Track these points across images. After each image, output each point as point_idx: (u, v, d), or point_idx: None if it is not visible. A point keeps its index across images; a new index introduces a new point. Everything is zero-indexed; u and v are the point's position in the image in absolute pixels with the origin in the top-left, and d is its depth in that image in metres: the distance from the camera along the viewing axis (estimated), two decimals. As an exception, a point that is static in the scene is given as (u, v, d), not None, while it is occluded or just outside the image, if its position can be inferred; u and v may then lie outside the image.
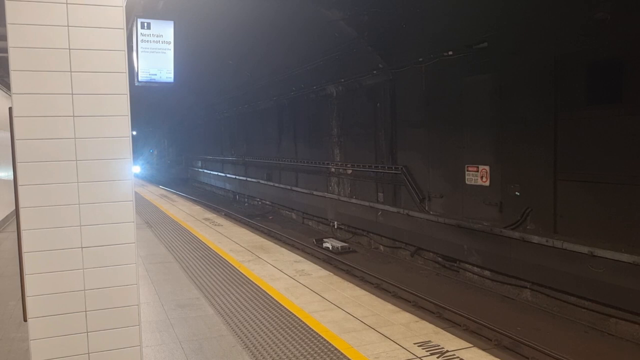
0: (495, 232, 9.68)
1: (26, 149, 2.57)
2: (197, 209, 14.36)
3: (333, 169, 16.27)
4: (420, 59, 11.42)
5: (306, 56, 15.40)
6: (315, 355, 4.24)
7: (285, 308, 5.42)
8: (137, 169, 41.88)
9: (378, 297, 5.84)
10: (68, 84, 2.62)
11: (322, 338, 4.57)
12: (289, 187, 19.50)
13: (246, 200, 25.00)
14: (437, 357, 4.14)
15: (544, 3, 8.45)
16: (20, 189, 2.57)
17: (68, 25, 2.61)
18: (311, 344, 4.44)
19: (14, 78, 2.53)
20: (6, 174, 12.52)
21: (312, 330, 4.78)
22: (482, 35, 9.66)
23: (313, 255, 12.63)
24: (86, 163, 2.67)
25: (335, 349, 4.34)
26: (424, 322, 4.97)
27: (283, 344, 4.48)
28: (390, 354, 4.23)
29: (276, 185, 20.79)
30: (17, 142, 2.56)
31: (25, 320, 2.62)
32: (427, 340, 4.46)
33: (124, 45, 2.73)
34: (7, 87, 12.98)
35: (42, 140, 2.59)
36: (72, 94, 2.63)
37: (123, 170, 2.76)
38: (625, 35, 7.39)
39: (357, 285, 6.37)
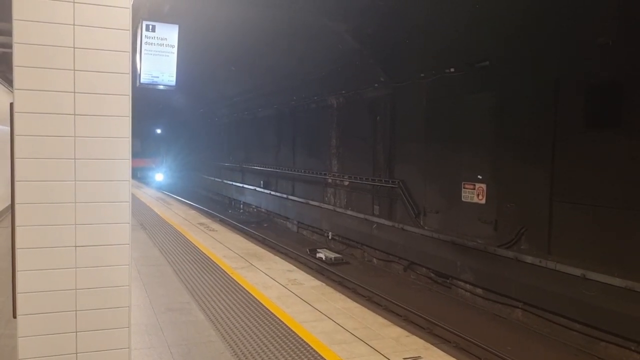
0: (489, 250, 9.68)
1: (25, 145, 2.56)
2: (192, 214, 14.33)
3: (330, 180, 16.28)
4: (422, 75, 11.49)
5: (309, 66, 15.46)
6: (304, 365, 4.22)
7: (276, 317, 5.40)
8: (159, 176, 36.39)
9: (369, 309, 5.82)
10: (71, 83, 2.62)
11: (312, 349, 4.55)
12: (285, 196, 19.49)
13: (242, 206, 24.96)
14: (426, 373, 4.12)
15: (546, 24, 8.52)
16: (17, 184, 2.56)
17: (74, 24, 2.62)
18: (301, 355, 4.42)
19: (17, 74, 2.54)
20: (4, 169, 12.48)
21: (302, 340, 4.75)
22: (484, 53, 9.73)
23: (306, 265, 12.60)
24: (85, 162, 2.67)
25: (325, 360, 4.31)
26: (414, 337, 4.95)
27: (272, 352, 4.45)
28: (379, 368, 4.21)
29: (272, 193, 20.78)
30: (16, 138, 2.56)
31: (14, 316, 2.60)
32: (417, 355, 4.44)
33: (128, 47, 2.74)
34: (9, 82, 12.98)
35: (41, 137, 2.58)
36: (75, 92, 2.63)
37: (121, 171, 2.76)
38: (626, 59, 7.45)
39: (349, 297, 6.35)
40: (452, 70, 10.58)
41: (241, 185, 24.61)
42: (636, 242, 7.36)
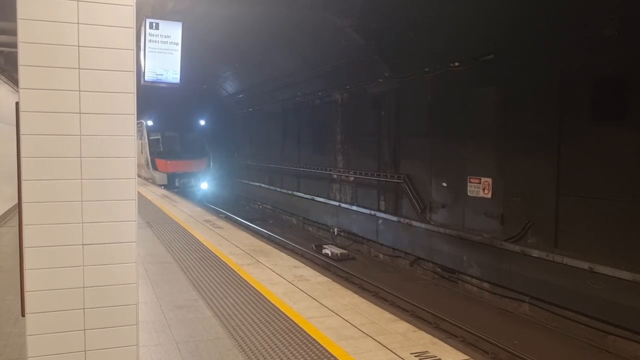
0: (495, 244, 9.65)
1: (31, 144, 2.57)
2: (198, 211, 14.35)
3: (335, 176, 16.27)
4: (426, 69, 11.44)
5: (313, 62, 15.44)
6: (311, 361, 4.22)
7: (283, 313, 5.40)
8: (205, 185, 25.60)
9: (376, 305, 5.81)
10: (76, 81, 2.62)
11: (319, 344, 4.55)
12: (290, 192, 19.49)
13: (246, 203, 24.96)
14: (434, 368, 4.12)
15: (551, 18, 8.47)
16: (23, 183, 2.57)
17: (78, 23, 2.62)
18: (308, 351, 4.42)
19: (22, 73, 2.54)
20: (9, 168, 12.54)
21: (310, 336, 4.76)
22: (489, 47, 9.68)
23: (312, 261, 12.60)
24: (90, 160, 2.67)
25: (332, 356, 4.32)
26: (421, 332, 4.94)
27: (280, 349, 4.46)
28: (386, 363, 4.20)
29: (278, 189, 20.78)
30: (22, 137, 2.56)
31: (23, 315, 2.61)
32: (424, 350, 4.43)
33: (133, 44, 2.74)
34: (14, 82, 13.03)
35: (47, 136, 2.59)
36: (80, 90, 2.63)
37: (127, 169, 2.76)
38: (631, 52, 7.39)
39: (356, 293, 6.34)
40: (456, 64, 10.53)
41: (246, 181, 24.44)
42: (644, 235, 7.33)
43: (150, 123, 25.19)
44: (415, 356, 4.31)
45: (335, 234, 15.93)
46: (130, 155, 2.76)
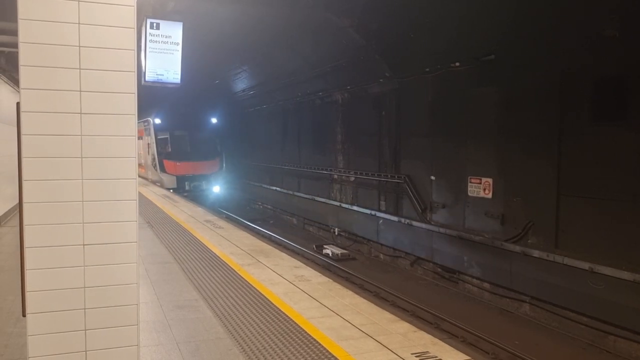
0: (496, 244, 9.65)
1: (32, 144, 2.57)
2: (198, 211, 14.35)
3: (336, 176, 16.27)
4: (427, 69, 11.44)
5: (314, 62, 15.44)
6: (312, 361, 4.22)
7: (283, 313, 5.40)
8: (217, 188, 23.49)
9: (377, 305, 5.80)
10: (76, 81, 2.62)
11: (320, 345, 4.55)
12: (291, 192, 19.49)
13: (247, 203, 24.95)
14: (435, 368, 4.12)
15: (552, 18, 8.46)
16: (24, 184, 2.57)
17: (79, 23, 2.62)
18: (309, 351, 4.42)
19: (23, 73, 2.54)
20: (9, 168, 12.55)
21: (310, 336, 4.75)
22: (490, 47, 9.68)
23: (313, 261, 12.59)
24: (91, 160, 2.68)
25: (333, 356, 4.32)
26: (421, 332, 4.94)
27: (280, 349, 4.46)
28: (387, 364, 4.20)
29: (278, 189, 20.78)
30: (23, 137, 2.56)
31: (24, 315, 2.61)
32: (424, 350, 4.43)
33: (133, 45, 2.74)
34: (15, 82, 13.03)
35: (48, 136, 2.59)
36: (80, 91, 2.63)
37: (127, 169, 2.76)
38: (632, 52, 7.39)
39: (356, 293, 6.34)
40: (457, 64, 10.53)
41: (247, 181, 24.36)
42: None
43: (157, 121, 23.35)
44: (416, 356, 4.31)
45: (336, 234, 15.92)
46: (131, 155, 2.76)
